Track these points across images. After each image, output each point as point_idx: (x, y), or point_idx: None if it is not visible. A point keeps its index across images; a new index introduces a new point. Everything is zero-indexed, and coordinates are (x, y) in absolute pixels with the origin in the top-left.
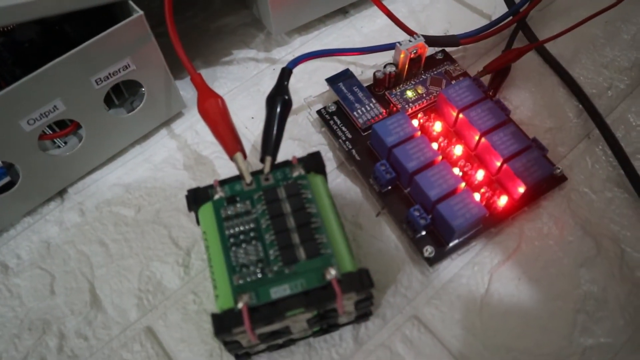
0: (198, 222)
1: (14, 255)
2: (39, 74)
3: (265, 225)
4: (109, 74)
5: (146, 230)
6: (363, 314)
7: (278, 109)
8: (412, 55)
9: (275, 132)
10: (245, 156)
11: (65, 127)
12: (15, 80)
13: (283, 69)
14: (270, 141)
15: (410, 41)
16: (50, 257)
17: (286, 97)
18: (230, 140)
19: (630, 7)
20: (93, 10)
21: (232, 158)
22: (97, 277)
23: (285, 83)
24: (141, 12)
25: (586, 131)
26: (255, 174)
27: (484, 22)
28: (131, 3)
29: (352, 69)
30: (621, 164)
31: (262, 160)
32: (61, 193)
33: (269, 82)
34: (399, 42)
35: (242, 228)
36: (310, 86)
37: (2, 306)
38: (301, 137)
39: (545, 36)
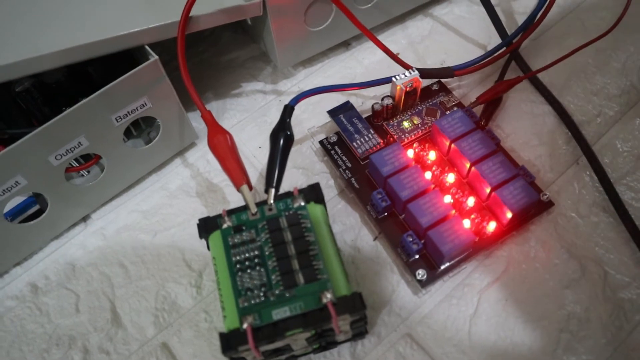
0: (208, 248)
1: (42, 276)
2: (65, 115)
3: (268, 253)
4: (128, 112)
5: (162, 253)
6: (359, 332)
7: (281, 144)
8: (408, 89)
9: (278, 166)
10: (250, 187)
11: (88, 159)
12: (44, 117)
13: (285, 106)
14: (274, 174)
15: (405, 75)
16: (75, 278)
17: (288, 133)
18: (237, 174)
19: (621, 36)
20: (113, 52)
21: (238, 190)
22: (118, 297)
23: (288, 120)
24: (156, 57)
25: (575, 158)
26: (260, 205)
27: (479, 51)
28: (147, 48)
29: (353, 99)
30: (606, 189)
31: (267, 191)
32: (85, 218)
33: (275, 113)
34: (395, 77)
35: (247, 255)
36: (314, 117)
37: (33, 323)
38: (305, 166)
39: (537, 65)
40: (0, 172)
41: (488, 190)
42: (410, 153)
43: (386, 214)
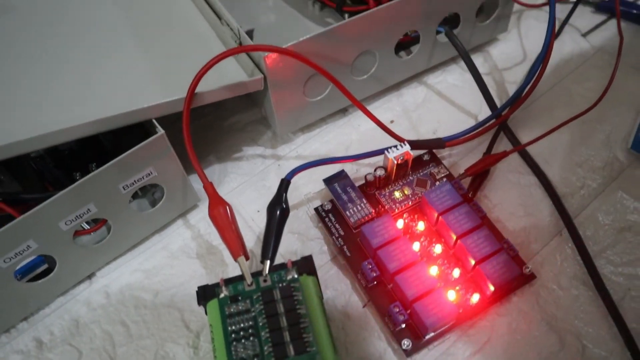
0: (206, 313)
1: (47, 332)
2: (77, 186)
3: (262, 324)
4: (135, 180)
5: (162, 313)
6: None
7: (277, 218)
8: (400, 162)
9: (273, 239)
10: (247, 257)
11: (96, 221)
12: (56, 180)
13: (282, 180)
14: (269, 247)
15: (397, 149)
16: (79, 335)
17: (284, 206)
18: (235, 245)
19: (605, 108)
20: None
21: (236, 260)
22: (119, 355)
23: (284, 194)
24: (162, 132)
25: (558, 229)
26: (255, 276)
27: (470, 120)
28: (154, 121)
29: (348, 166)
30: (585, 263)
31: (262, 262)
32: (90, 276)
33: (274, 178)
34: (387, 150)
35: (242, 325)
36: (310, 182)
37: None
38: (300, 231)
39: (525, 134)
40: (13, 237)
41: (472, 263)
42: (400, 223)
43: (375, 282)
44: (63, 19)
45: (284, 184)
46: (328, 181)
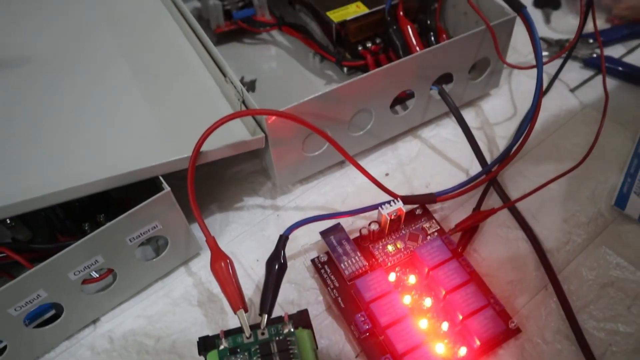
0: None
1: None
2: (87, 239)
3: None
4: (141, 233)
5: (163, 359)
6: None
7: (275, 273)
8: (393, 217)
9: (271, 293)
10: (246, 310)
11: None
12: (66, 230)
13: (280, 236)
14: (267, 301)
15: (390, 205)
16: None
17: (282, 261)
18: (234, 299)
19: (591, 164)
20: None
21: (235, 313)
22: None
23: (282, 250)
24: (168, 189)
25: (544, 284)
26: (254, 328)
27: (462, 174)
28: (161, 178)
29: (344, 218)
30: (568, 318)
31: (260, 315)
32: (95, 321)
33: (273, 228)
34: (381, 207)
35: None
36: (308, 234)
37: None
38: (297, 281)
39: (514, 189)
40: (25, 288)
41: (460, 317)
42: (392, 276)
43: (367, 334)
44: (75, 75)
45: (282, 240)
46: (324, 234)
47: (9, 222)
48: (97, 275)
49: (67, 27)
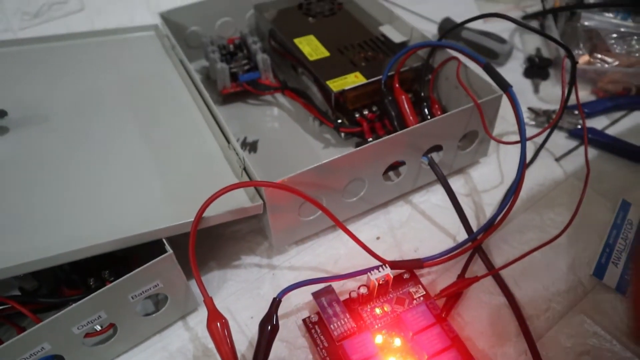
0: None
1: None
2: (91, 298)
3: None
4: (143, 291)
5: None
6: None
7: (267, 335)
8: (381, 282)
9: (263, 354)
10: None
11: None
12: (72, 284)
13: (274, 299)
14: None
15: (379, 271)
16: None
17: (274, 323)
18: (227, 358)
19: (573, 233)
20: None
21: None
22: None
23: (275, 313)
24: (171, 252)
25: (524, 349)
26: None
27: (449, 240)
28: (164, 241)
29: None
30: None
31: None
32: None
33: (268, 287)
34: (370, 272)
35: None
36: (301, 293)
37: None
38: (289, 340)
39: (498, 256)
40: (31, 341)
41: None
42: (379, 338)
43: None
44: (86, 136)
45: (275, 304)
46: (316, 295)
47: None
48: (99, 329)
49: (79, 86)
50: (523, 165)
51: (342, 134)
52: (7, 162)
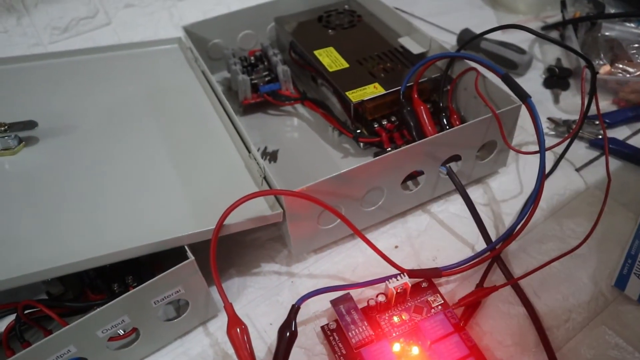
0: None
1: None
2: (116, 302)
3: None
4: (165, 296)
5: None
6: None
7: (285, 341)
8: (399, 291)
9: None
10: None
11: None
12: (96, 288)
13: (292, 306)
14: None
15: (397, 280)
16: None
17: (292, 329)
18: None
19: (594, 244)
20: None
21: None
22: None
23: (294, 320)
24: (192, 258)
25: (543, 359)
26: None
27: (467, 250)
28: (186, 247)
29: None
30: None
31: None
32: None
33: (287, 294)
34: (388, 281)
35: None
36: (319, 301)
37: None
38: (307, 346)
39: (517, 265)
40: (57, 344)
41: None
42: (397, 347)
43: None
44: (113, 145)
45: (294, 310)
46: (334, 302)
47: None
48: (123, 333)
49: (106, 98)
50: (542, 175)
51: (361, 144)
52: (37, 170)
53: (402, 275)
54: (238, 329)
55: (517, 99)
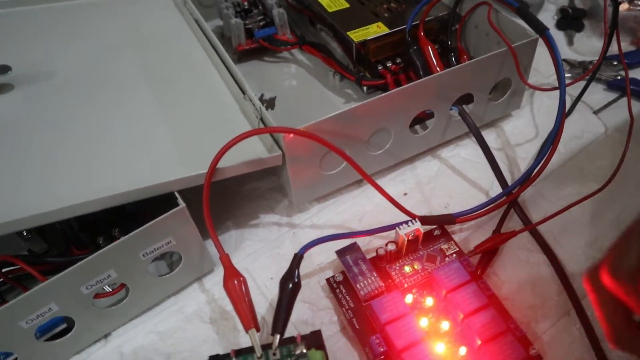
0: None
1: None
2: (100, 254)
3: None
4: (154, 248)
5: None
6: None
7: (288, 292)
8: (410, 238)
9: (284, 313)
10: (258, 329)
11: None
12: (80, 242)
13: (295, 255)
14: (280, 321)
15: (408, 225)
16: None
17: (296, 281)
18: (246, 318)
19: (616, 187)
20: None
21: (247, 332)
22: None
23: (296, 269)
24: (183, 205)
25: (566, 309)
26: (265, 348)
27: (481, 196)
28: (176, 194)
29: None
30: (593, 347)
31: (273, 335)
32: (106, 336)
33: (289, 246)
34: (398, 227)
35: None
36: (323, 252)
37: None
38: (311, 301)
39: (536, 211)
40: (37, 301)
41: (479, 342)
42: (409, 298)
43: (382, 357)
44: (97, 90)
45: (297, 260)
46: (340, 253)
47: (25, 234)
48: (110, 290)
49: (88, 44)
50: (562, 111)
51: (364, 88)
52: (12, 116)
53: (413, 221)
54: (235, 281)
55: (533, 32)
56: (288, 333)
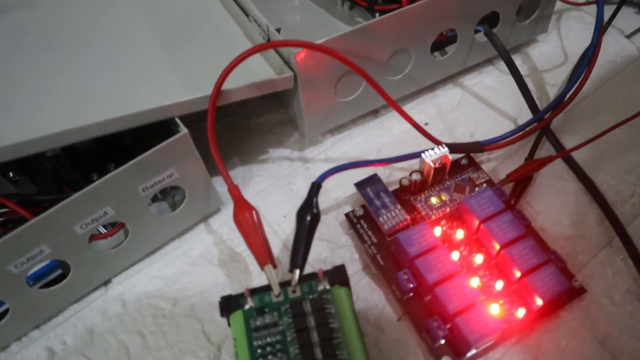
0: (229, 325)
1: (60, 341)
2: (93, 187)
3: (291, 338)
4: (155, 182)
5: (181, 324)
6: None
7: (307, 224)
8: (437, 165)
9: (303, 246)
10: (275, 266)
11: (113, 225)
12: (73, 181)
13: (313, 184)
14: (299, 255)
15: (435, 152)
16: (93, 345)
17: (315, 212)
18: (261, 253)
19: None
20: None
21: (262, 269)
22: None
23: (315, 198)
24: (186, 131)
25: (608, 239)
26: (283, 286)
27: (509, 124)
28: (177, 120)
29: (380, 170)
30: None
31: (291, 271)
32: (106, 283)
33: (302, 181)
34: (424, 153)
35: (269, 340)
36: (340, 186)
37: None
38: (329, 238)
39: (569, 139)
40: (26, 241)
41: (518, 275)
42: (437, 231)
43: (411, 294)
44: (87, 15)
45: (315, 188)
46: (360, 185)
47: (12, 175)
48: (106, 231)
49: None
50: (600, 25)
51: (377, 14)
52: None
53: (440, 147)
54: (247, 214)
55: None
56: (306, 272)
